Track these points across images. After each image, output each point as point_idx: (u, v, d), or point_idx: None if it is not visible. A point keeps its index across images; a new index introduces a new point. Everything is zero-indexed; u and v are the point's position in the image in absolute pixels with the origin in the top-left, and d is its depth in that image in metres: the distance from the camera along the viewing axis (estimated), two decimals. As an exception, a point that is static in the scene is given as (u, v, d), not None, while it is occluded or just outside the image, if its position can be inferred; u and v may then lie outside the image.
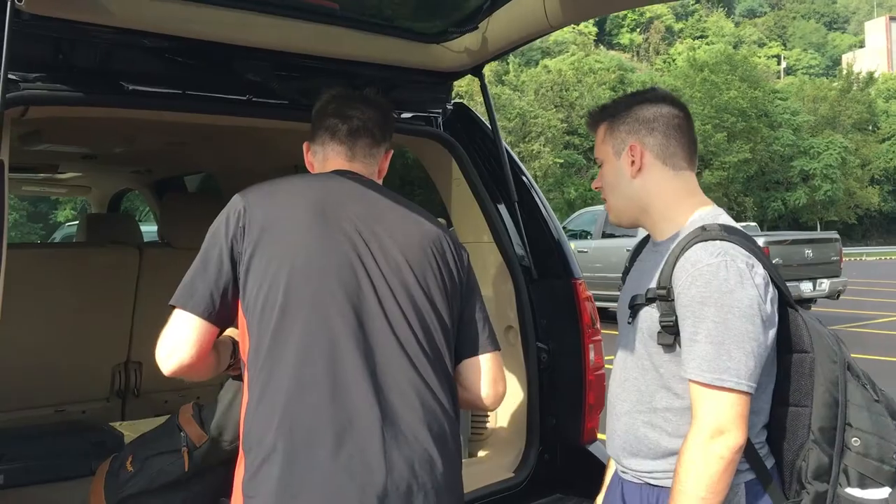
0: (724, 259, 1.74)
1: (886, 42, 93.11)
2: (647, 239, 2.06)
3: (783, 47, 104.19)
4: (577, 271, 3.08)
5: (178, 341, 1.83)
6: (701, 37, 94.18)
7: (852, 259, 38.33)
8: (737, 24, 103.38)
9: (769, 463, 1.83)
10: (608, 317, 7.37)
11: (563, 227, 18.46)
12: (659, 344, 1.83)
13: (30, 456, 3.01)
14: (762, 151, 51.01)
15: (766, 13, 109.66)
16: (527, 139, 45.98)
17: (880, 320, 14.82)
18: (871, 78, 61.78)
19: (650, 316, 1.85)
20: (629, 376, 1.93)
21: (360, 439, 1.70)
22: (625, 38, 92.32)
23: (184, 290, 1.85)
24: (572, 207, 38.04)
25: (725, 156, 48.61)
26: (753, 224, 31.29)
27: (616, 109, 2.00)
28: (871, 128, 61.38)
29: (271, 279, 1.79)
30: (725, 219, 1.89)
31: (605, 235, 14.40)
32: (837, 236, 14.56)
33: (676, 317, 1.78)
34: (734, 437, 1.70)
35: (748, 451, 1.77)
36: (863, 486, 1.74)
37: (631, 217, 2.01)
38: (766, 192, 53.85)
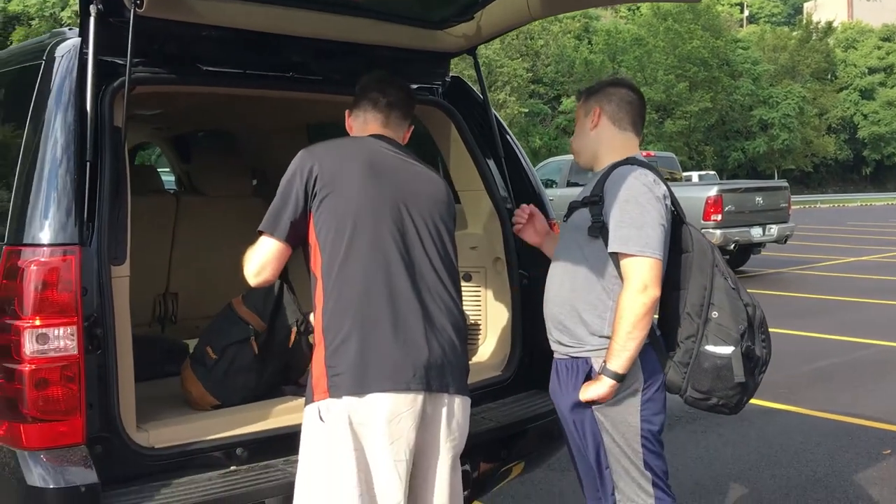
0: (638, 174, 2.59)
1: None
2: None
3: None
4: (551, 213, 3.75)
5: (265, 261, 2.51)
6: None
7: (806, 207, 39.47)
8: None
9: (658, 333, 2.66)
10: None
11: (532, 177, 18.79)
12: (588, 235, 2.62)
13: None
14: (723, 101, 51.23)
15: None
16: (492, 88, 46.04)
17: (823, 263, 15.74)
18: (829, 27, 62.28)
19: (583, 215, 2.68)
20: (560, 258, 2.74)
21: (409, 329, 2.43)
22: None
23: (269, 220, 2.50)
24: (537, 156, 38.37)
25: (687, 105, 48.90)
26: (712, 173, 31.98)
27: (595, 88, 2.91)
28: (829, 77, 62.07)
29: (342, 214, 2.46)
30: (642, 159, 2.73)
31: (570, 184, 14.86)
32: (787, 184, 15.37)
33: (603, 217, 2.59)
34: (653, 291, 2.52)
35: None
36: (716, 344, 2.57)
37: (587, 158, 2.88)
38: (727, 141, 54.43)
